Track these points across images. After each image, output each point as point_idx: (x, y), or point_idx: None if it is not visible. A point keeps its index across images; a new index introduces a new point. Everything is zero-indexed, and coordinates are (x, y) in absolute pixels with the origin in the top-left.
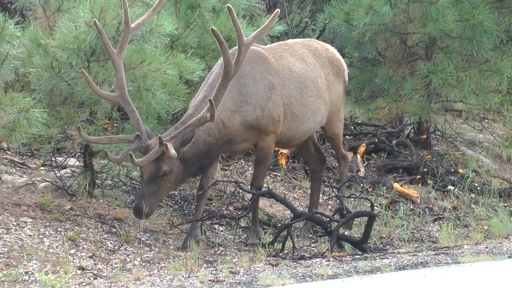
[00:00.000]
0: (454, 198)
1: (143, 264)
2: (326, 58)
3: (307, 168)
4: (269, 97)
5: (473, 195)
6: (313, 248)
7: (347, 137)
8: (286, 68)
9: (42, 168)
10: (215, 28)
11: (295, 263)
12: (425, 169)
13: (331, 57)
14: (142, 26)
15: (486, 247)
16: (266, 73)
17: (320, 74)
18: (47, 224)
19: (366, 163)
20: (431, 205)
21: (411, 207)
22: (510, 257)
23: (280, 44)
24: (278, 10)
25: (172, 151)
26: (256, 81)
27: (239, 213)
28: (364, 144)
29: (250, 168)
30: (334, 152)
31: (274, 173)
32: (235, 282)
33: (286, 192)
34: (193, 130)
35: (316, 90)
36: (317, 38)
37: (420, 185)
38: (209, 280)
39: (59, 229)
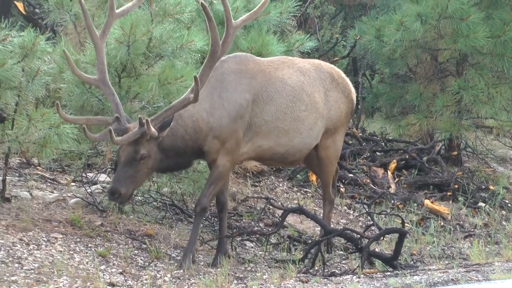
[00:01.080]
0: (485, 215)
1: (173, 280)
2: (329, 74)
3: (337, 184)
4: (242, 114)
5: (504, 212)
6: (343, 265)
7: (377, 153)
8: (279, 80)
9: (72, 184)
10: (204, 3)
11: (325, 279)
12: (456, 186)
13: (337, 75)
14: (126, 12)
15: None
16: (249, 87)
17: (319, 89)
18: (78, 240)
19: (397, 179)
20: (462, 222)
21: (442, 223)
22: None
23: (280, 57)
24: None
25: (153, 130)
26: (237, 92)
27: (270, 229)
28: (395, 160)
29: (281, 185)
30: (321, 191)
31: (305, 189)
32: None
33: (316, 208)
34: (175, 112)
35: (311, 104)
36: (348, 54)
37: (450, 202)
38: None
39: (89, 245)
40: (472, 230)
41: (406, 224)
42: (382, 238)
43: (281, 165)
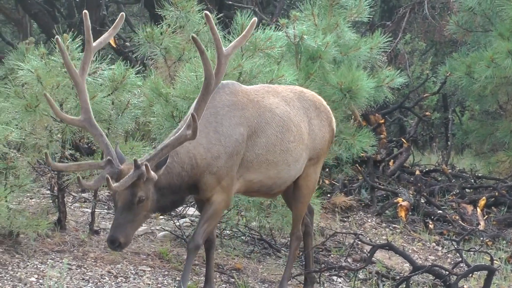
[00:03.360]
0: None
1: None
2: (311, 102)
3: (426, 220)
4: (238, 149)
5: None
6: None
7: (467, 190)
8: (268, 110)
9: (161, 217)
10: (195, 36)
11: None
12: None
13: (319, 102)
14: (103, 44)
15: None
16: (243, 120)
17: (303, 118)
18: (166, 273)
19: (486, 216)
20: None
21: None
22: None
23: (263, 86)
24: (255, 19)
25: (153, 174)
26: (231, 126)
27: (358, 265)
28: (484, 197)
29: (369, 220)
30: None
31: (393, 225)
32: None
33: (405, 244)
34: (171, 149)
35: (299, 135)
36: (438, 90)
37: None
38: None
39: (177, 278)
40: None
41: (495, 261)
42: (470, 275)
43: (264, 196)
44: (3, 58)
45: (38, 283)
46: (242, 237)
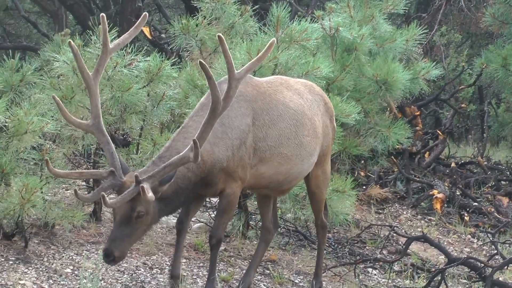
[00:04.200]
0: None
1: None
2: (320, 97)
3: (462, 212)
4: (245, 139)
5: None
6: None
7: (502, 182)
8: (281, 104)
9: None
10: (203, 62)
11: None
12: None
13: (326, 99)
14: (121, 45)
15: None
16: (250, 111)
17: (317, 112)
18: (201, 264)
19: None
20: None
21: None
22: None
23: (276, 77)
24: (274, 39)
25: (149, 194)
26: (238, 117)
27: (393, 257)
28: None
29: (405, 212)
30: (314, 218)
31: (429, 217)
32: None
33: (440, 236)
34: (174, 169)
35: (313, 129)
36: (474, 83)
37: None
38: None
39: None
40: None
41: None
42: (506, 267)
43: (271, 193)
44: (39, 49)
45: (73, 274)
46: (278, 229)
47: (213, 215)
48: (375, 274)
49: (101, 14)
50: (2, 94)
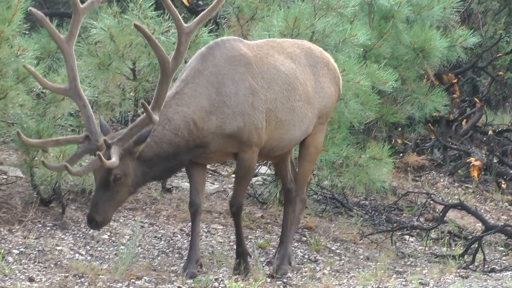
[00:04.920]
0: None
1: (333, 273)
2: (320, 59)
3: (499, 180)
4: (250, 103)
5: None
6: (503, 261)
7: None
8: (273, 67)
9: (233, 175)
10: (138, 23)
11: (485, 275)
12: None
13: (327, 60)
14: (94, 4)
15: None
16: (247, 74)
17: (310, 77)
18: None
19: None
20: None
21: None
22: None
23: (268, 40)
24: None
25: (111, 161)
26: (235, 83)
27: (430, 224)
28: None
29: (442, 180)
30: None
31: (466, 185)
32: None
33: (477, 204)
34: (139, 130)
35: (305, 94)
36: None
37: None
38: None
39: (249, 236)
40: None
41: None
42: None
43: (263, 158)
44: None
45: (110, 241)
46: (314, 196)
47: (250, 182)
48: (412, 242)
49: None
50: (40, 61)
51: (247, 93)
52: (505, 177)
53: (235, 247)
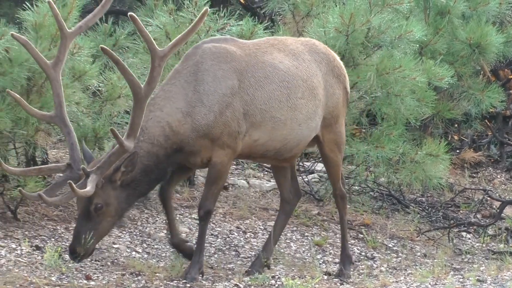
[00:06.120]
0: None
1: (390, 270)
2: (325, 56)
3: None
4: (228, 103)
5: None
6: None
7: None
8: (269, 65)
9: None
10: (103, 46)
11: None
12: None
13: (332, 57)
14: (83, 29)
15: None
16: (232, 72)
17: (316, 72)
18: (294, 228)
19: None
20: None
21: None
22: None
23: (269, 38)
24: (207, 8)
25: (84, 190)
26: (216, 80)
27: (487, 221)
28: None
29: (499, 176)
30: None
31: None
32: None
33: None
34: (117, 158)
35: (309, 91)
36: None
37: None
38: None
39: (306, 234)
40: None
41: None
42: None
43: (273, 162)
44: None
45: (167, 238)
46: (371, 192)
47: (306, 180)
48: (469, 238)
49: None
50: (96, 59)
51: (227, 93)
52: None
53: (292, 245)
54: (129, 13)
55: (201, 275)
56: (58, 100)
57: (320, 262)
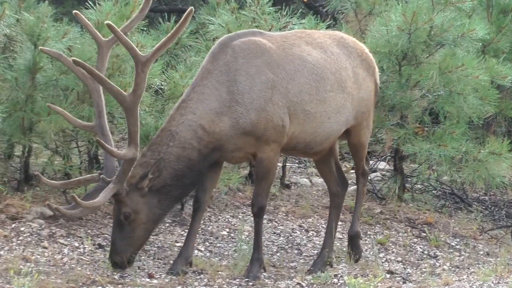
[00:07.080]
0: None
1: (453, 269)
2: (353, 49)
3: None
4: (268, 98)
5: None
6: None
7: None
8: (298, 58)
9: (352, 170)
10: (76, 59)
11: None
12: None
13: (361, 50)
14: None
15: None
16: (264, 67)
17: (346, 65)
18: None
19: None
20: None
21: None
22: None
23: (296, 31)
24: (191, 8)
25: (92, 201)
26: (250, 77)
27: None
28: None
29: None
30: (354, 166)
31: None
32: None
33: None
34: (131, 166)
35: (338, 84)
36: None
37: None
38: None
39: (368, 232)
40: None
41: None
42: None
43: (302, 156)
44: (194, 12)
45: (229, 237)
46: (433, 191)
47: (369, 178)
48: None
49: (74, 11)
50: (158, 58)
51: (263, 88)
52: None
53: None
54: (106, 22)
55: (263, 270)
56: (98, 110)
57: (383, 260)
